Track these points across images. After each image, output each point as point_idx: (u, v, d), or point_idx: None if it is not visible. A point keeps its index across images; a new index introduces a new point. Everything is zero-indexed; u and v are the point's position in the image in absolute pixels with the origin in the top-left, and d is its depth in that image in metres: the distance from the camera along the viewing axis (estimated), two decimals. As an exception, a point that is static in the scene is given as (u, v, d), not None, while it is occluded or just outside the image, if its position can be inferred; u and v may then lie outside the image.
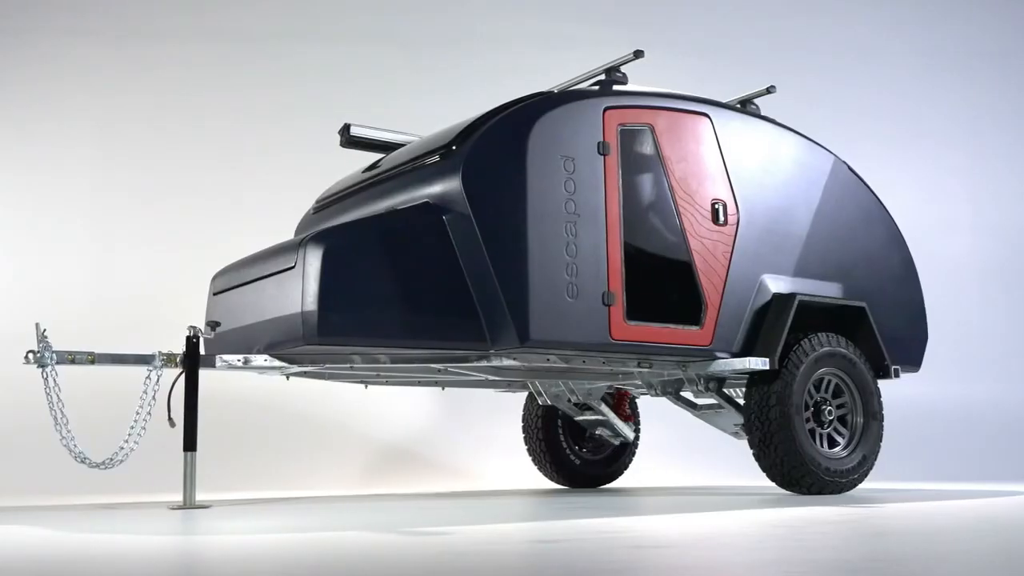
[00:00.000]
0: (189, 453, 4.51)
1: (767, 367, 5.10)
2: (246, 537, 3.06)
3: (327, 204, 5.66)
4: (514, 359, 4.79)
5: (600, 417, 6.31)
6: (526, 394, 6.78)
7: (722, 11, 10.08)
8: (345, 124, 6.00)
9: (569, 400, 6.28)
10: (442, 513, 4.15)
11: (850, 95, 9.98)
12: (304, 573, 2.17)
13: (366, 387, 6.08)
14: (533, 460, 6.78)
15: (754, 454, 5.25)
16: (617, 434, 6.45)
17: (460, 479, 8.05)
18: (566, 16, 9.64)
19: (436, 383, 6.13)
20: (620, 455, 6.92)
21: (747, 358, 5.12)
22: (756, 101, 5.85)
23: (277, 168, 8.64)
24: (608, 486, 6.90)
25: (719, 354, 5.16)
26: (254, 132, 8.89)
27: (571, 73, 5.38)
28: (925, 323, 6.13)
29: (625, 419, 6.53)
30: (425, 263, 4.59)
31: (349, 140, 6.02)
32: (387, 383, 5.96)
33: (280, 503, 5.07)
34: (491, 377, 5.62)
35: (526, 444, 6.77)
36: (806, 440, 5.14)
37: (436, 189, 4.71)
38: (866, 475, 5.39)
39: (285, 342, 4.51)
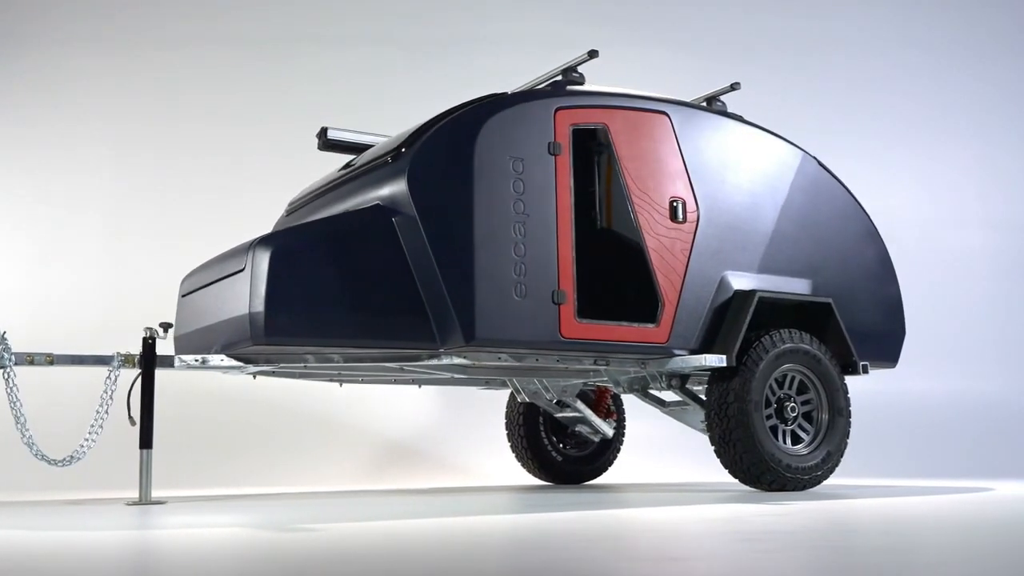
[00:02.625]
0: (145, 451, 4.66)
1: (724, 364, 5.11)
2: (192, 531, 3.17)
3: (299, 206, 5.78)
4: (464, 357, 4.86)
5: (578, 414, 6.36)
6: (509, 391, 6.84)
7: (727, 7, 10.06)
8: (322, 128, 6.10)
9: (550, 398, 6.32)
10: (399, 508, 4.24)
11: (854, 92, 9.90)
12: (243, 565, 2.27)
13: (340, 386, 6.19)
14: (516, 457, 6.85)
15: (715, 451, 5.27)
16: (596, 431, 6.49)
17: (458, 476, 8.14)
18: (569, 17, 9.68)
19: (412, 381, 6.22)
20: (604, 451, 6.96)
21: (703, 355, 5.14)
22: (723, 99, 5.86)
23: (283, 169, 8.78)
24: (593, 482, 6.94)
25: (677, 351, 5.18)
26: (260, 134, 9.05)
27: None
28: (902, 319, 6.09)
29: (606, 416, 6.56)
30: (375, 265, 4.68)
31: (326, 143, 6.13)
32: (363, 381, 6.07)
33: (237, 499, 5.19)
34: (457, 375, 5.69)
35: (509, 441, 6.84)
36: (766, 437, 5.14)
37: (385, 192, 4.81)
38: (831, 471, 5.38)
39: (237, 343, 4.63)
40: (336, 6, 9.55)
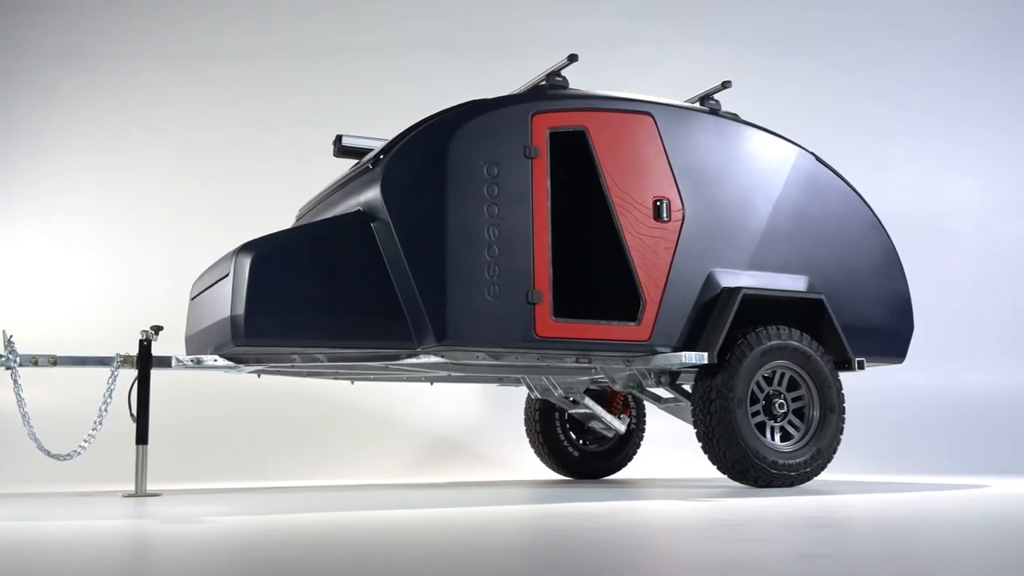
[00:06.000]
0: (141, 446, 4.96)
1: (705, 361, 5.16)
2: (179, 522, 3.39)
3: (305, 212, 6.03)
4: (440, 356, 5.03)
5: (588, 410, 6.46)
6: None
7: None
8: (337, 135, 6.32)
9: (558, 395, 6.44)
10: (392, 499, 4.44)
11: (907, 82, 9.72)
12: (220, 550, 2.48)
13: (352, 383, 6.42)
14: (535, 452, 6.99)
15: (701, 447, 5.32)
16: (608, 427, 6.57)
17: (490, 470, 8.31)
18: (616, 15, 9.74)
19: (425, 379, 6.40)
20: (623, 447, 7.04)
21: (684, 352, 5.18)
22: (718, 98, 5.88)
23: (318, 174, 9.09)
24: (611, 477, 7.03)
25: (660, 348, 5.24)
26: (315, 138, 9.38)
27: (621, 71, 5.53)
28: (910, 314, 6.02)
29: (620, 412, 6.65)
30: (353, 268, 4.87)
31: (341, 150, 6.34)
32: (375, 379, 6.28)
33: (233, 492, 5.45)
34: (453, 373, 5.85)
35: (528, 436, 6.98)
36: (750, 433, 5.17)
37: (364, 198, 5.01)
38: (821, 468, 5.36)
39: (223, 344, 4.89)
40: (385, 15, 9.81)
